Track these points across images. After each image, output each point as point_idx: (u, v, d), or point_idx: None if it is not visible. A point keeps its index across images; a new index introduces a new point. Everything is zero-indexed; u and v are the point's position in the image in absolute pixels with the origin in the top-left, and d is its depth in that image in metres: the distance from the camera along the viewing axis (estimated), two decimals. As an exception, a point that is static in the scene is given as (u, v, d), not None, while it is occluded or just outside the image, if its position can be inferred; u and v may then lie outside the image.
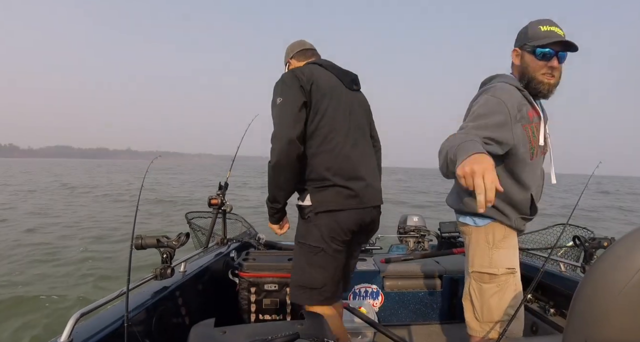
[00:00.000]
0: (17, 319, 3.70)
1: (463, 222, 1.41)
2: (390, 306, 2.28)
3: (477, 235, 1.37)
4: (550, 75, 1.24)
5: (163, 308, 1.40)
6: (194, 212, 2.69)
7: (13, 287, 4.58)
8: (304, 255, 1.38)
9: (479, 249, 1.36)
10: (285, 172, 1.30)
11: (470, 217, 1.38)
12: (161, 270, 1.38)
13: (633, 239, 0.46)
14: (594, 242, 1.68)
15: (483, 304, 1.34)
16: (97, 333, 1.05)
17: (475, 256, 1.36)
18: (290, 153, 1.26)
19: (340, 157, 1.33)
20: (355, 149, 1.37)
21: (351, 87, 1.44)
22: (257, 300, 1.87)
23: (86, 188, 20.34)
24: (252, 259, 1.95)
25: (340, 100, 1.36)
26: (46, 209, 11.64)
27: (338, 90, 1.37)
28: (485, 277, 1.33)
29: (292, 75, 1.32)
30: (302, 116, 1.28)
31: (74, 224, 9.04)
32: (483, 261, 1.34)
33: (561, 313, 1.77)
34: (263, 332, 1.00)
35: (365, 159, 1.42)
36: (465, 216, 1.40)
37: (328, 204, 1.32)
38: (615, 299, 0.43)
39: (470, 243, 1.40)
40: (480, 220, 1.37)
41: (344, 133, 1.35)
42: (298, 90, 1.29)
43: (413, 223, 2.96)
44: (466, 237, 1.42)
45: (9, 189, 18.30)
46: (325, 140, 1.32)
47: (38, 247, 6.64)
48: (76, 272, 5.29)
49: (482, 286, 1.35)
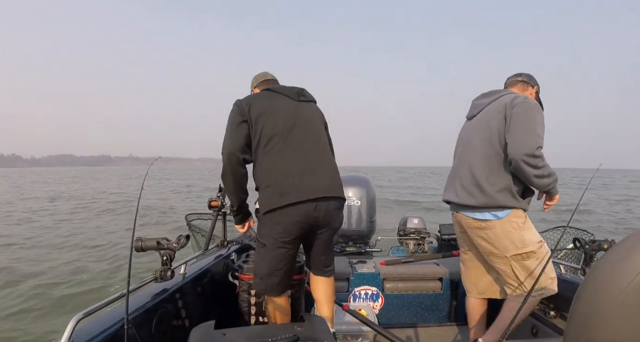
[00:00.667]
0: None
1: (483, 218, 1.60)
2: (390, 308, 2.28)
3: (502, 225, 1.56)
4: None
5: (163, 310, 1.40)
6: (193, 214, 2.69)
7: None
8: (257, 248, 1.61)
9: (508, 236, 1.56)
10: (229, 179, 1.56)
11: (490, 212, 1.58)
12: (161, 272, 1.37)
13: (633, 242, 0.46)
14: (594, 245, 1.68)
15: (529, 274, 1.58)
16: (97, 335, 1.05)
17: (508, 243, 1.57)
18: (232, 162, 1.52)
19: (277, 159, 1.51)
20: (295, 151, 1.52)
21: (298, 99, 1.65)
22: (257, 302, 1.87)
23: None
24: (252, 261, 1.95)
25: (281, 112, 1.56)
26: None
27: (280, 105, 1.59)
28: (525, 256, 1.57)
29: (235, 103, 1.60)
30: (240, 133, 1.53)
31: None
32: (517, 244, 1.56)
33: (561, 315, 1.77)
34: (263, 335, 1.00)
35: (309, 157, 1.54)
36: (483, 213, 1.59)
37: (266, 205, 1.48)
38: (615, 302, 0.43)
39: (495, 235, 1.59)
40: (502, 212, 1.56)
41: (283, 138, 1.52)
42: (237, 113, 1.55)
43: (413, 225, 2.96)
44: (488, 231, 1.60)
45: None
46: (265, 148, 1.52)
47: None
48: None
49: (525, 264, 1.57)
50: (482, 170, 1.60)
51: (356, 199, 2.79)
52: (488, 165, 1.60)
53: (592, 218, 11.62)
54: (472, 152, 1.68)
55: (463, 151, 1.75)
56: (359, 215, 2.79)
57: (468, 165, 1.67)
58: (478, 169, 1.62)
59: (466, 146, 1.74)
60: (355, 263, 2.41)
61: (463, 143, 1.78)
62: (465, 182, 1.67)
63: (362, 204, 2.80)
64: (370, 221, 2.87)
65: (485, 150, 1.62)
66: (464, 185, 1.67)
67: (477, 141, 1.66)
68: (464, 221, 1.72)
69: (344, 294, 2.24)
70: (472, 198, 1.62)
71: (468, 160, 1.69)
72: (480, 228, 1.63)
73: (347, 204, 2.78)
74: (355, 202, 2.78)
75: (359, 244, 2.95)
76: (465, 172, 1.69)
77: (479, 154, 1.64)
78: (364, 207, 2.80)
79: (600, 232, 8.04)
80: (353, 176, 3.02)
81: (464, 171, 1.70)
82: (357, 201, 2.79)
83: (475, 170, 1.63)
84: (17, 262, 6.04)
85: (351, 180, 2.90)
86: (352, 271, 2.25)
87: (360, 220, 2.78)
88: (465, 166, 1.69)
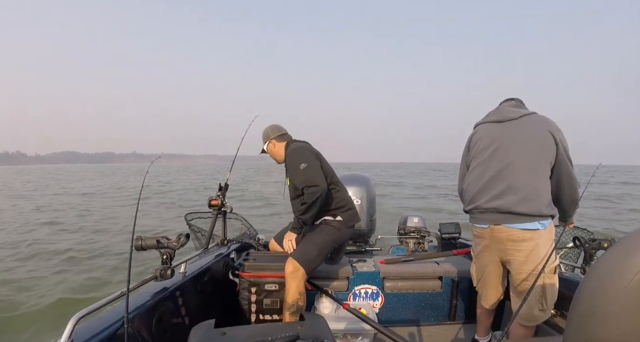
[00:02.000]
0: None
1: (531, 228, 1.53)
2: (390, 306, 2.28)
3: (547, 235, 1.53)
4: None
5: (163, 309, 1.40)
6: (193, 213, 2.69)
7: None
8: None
9: (547, 248, 1.53)
10: (318, 204, 1.94)
11: (538, 222, 1.52)
12: (161, 271, 1.37)
13: (633, 241, 0.46)
14: (594, 244, 1.68)
15: (554, 293, 1.56)
16: (97, 334, 1.05)
17: (547, 255, 1.51)
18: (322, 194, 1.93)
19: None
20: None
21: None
22: (258, 300, 1.87)
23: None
24: (253, 259, 1.95)
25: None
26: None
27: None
28: (553, 270, 1.56)
29: (306, 146, 2.10)
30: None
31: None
32: (551, 257, 1.50)
33: (561, 314, 1.77)
34: (263, 334, 1.00)
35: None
36: (534, 222, 1.52)
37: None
38: (615, 301, 0.43)
39: (538, 246, 1.53)
40: (547, 221, 1.53)
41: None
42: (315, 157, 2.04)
43: (413, 224, 2.96)
44: (531, 242, 1.53)
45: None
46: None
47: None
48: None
49: (552, 278, 1.55)
50: (534, 179, 1.54)
51: (356, 197, 2.79)
52: (537, 175, 1.54)
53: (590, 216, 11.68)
54: (519, 158, 1.57)
55: (504, 155, 1.61)
56: (359, 214, 2.79)
57: (516, 171, 1.57)
58: (530, 177, 1.54)
59: (508, 151, 1.60)
60: (355, 262, 2.41)
61: (501, 146, 1.63)
62: (517, 188, 1.55)
63: (362, 203, 2.80)
64: (370, 219, 2.87)
65: (534, 160, 1.55)
66: (516, 189, 1.55)
67: (523, 149, 1.56)
68: (506, 234, 1.58)
69: (344, 293, 2.24)
70: (527, 204, 1.51)
71: (514, 165, 1.57)
72: (524, 240, 1.53)
73: None
74: (356, 201, 2.78)
75: (359, 242, 2.95)
76: (514, 177, 1.56)
77: (526, 163, 1.55)
78: (364, 206, 2.80)
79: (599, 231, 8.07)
80: (353, 175, 3.02)
81: (512, 176, 1.57)
82: (357, 200, 2.79)
83: (526, 177, 1.55)
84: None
85: (351, 179, 2.90)
86: (352, 270, 2.25)
87: (360, 219, 2.79)
88: (512, 171, 1.57)
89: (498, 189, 1.59)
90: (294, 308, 1.75)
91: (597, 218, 10.46)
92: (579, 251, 2.08)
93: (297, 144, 2.11)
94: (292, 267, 1.78)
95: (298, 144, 2.09)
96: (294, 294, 1.76)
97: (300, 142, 2.14)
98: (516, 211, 1.53)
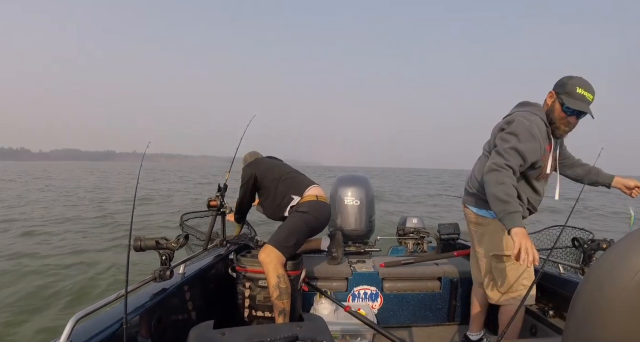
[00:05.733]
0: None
1: (480, 214, 1.71)
2: (389, 307, 2.28)
3: (495, 225, 1.65)
4: (566, 125, 1.56)
5: (162, 310, 1.40)
6: (190, 213, 2.68)
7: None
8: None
9: (496, 236, 1.67)
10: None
11: (488, 210, 1.65)
12: (160, 272, 1.37)
13: (632, 241, 0.46)
14: (593, 244, 1.68)
15: (504, 278, 1.68)
16: (95, 335, 1.05)
17: (493, 242, 1.68)
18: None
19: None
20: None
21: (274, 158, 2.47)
22: (251, 295, 1.87)
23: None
24: (250, 255, 1.96)
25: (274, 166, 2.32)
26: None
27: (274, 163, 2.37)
28: (502, 258, 1.67)
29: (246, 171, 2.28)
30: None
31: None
32: (500, 246, 1.67)
33: (560, 315, 1.77)
34: (262, 334, 1.00)
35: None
36: (480, 209, 1.70)
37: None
38: (614, 301, 0.44)
39: (487, 232, 1.71)
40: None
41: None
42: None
43: (412, 225, 2.96)
44: (481, 227, 1.73)
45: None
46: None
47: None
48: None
49: (500, 265, 1.68)
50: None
51: (355, 198, 2.79)
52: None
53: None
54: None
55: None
56: (358, 215, 2.78)
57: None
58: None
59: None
60: (355, 263, 2.41)
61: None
62: (478, 188, 1.74)
63: (361, 204, 2.80)
64: (369, 220, 2.87)
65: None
66: (477, 190, 1.75)
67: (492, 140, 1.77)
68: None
69: (343, 294, 2.24)
70: (477, 200, 1.73)
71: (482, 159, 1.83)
72: (476, 223, 1.76)
73: (346, 203, 2.78)
74: (355, 201, 2.78)
75: (358, 243, 2.95)
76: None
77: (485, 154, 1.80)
78: (363, 207, 2.80)
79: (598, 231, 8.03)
80: (352, 176, 3.02)
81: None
82: (356, 201, 2.78)
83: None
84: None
85: (350, 179, 2.90)
86: (351, 271, 2.25)
87: (359, 220, 2.78)
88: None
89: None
90: (277, 292, 1.77)
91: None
92: (578, 252, 2.09)
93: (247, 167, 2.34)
94: (264, 253, 1.84)
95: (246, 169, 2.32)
96: (272, 277, 1.79)
97: (250, 164, 2.34)
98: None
